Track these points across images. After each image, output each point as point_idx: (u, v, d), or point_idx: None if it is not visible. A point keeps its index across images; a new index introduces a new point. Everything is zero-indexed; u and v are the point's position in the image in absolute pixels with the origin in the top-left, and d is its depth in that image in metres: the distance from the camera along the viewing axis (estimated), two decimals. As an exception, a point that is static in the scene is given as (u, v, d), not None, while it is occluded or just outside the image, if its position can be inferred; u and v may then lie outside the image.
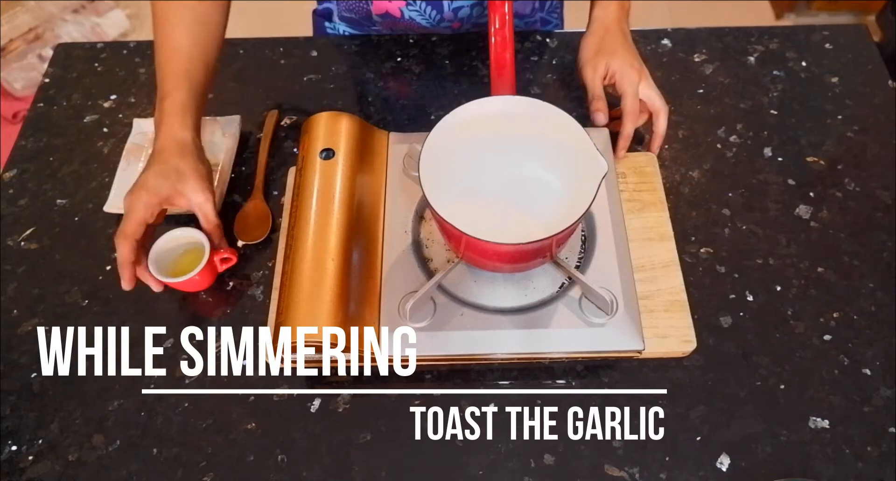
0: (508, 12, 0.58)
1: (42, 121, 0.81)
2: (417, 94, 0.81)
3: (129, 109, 0.81)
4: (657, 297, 0.62)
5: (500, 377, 0.61)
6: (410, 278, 0.60)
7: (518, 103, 0.56)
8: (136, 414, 0.60)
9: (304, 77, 0.83)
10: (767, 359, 0.62)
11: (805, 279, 0.66)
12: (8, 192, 0.75)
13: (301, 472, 0.57)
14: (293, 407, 0.60)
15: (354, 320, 0.56)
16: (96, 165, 0.77)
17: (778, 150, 0.75)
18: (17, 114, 1.81)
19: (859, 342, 0.62)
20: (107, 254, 0.69)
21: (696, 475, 0.56)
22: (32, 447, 0.59)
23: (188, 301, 0.66)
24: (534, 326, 0.58)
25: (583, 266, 0.61)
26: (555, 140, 0.56)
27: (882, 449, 0.57)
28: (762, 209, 0.71)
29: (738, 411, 0.59)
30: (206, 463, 0.58)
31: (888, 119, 0.77)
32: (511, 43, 0.59)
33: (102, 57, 0.87)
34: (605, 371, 0.62)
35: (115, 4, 2.03)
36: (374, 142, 0.68)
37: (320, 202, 0.60)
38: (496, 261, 0.56)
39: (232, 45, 0.86)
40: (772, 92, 0.80)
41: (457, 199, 0.60)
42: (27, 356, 0.63)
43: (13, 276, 0.68)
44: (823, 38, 0.85)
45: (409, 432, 0.58)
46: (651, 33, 0.85)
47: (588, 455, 0.57)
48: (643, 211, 0.68)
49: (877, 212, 0.70)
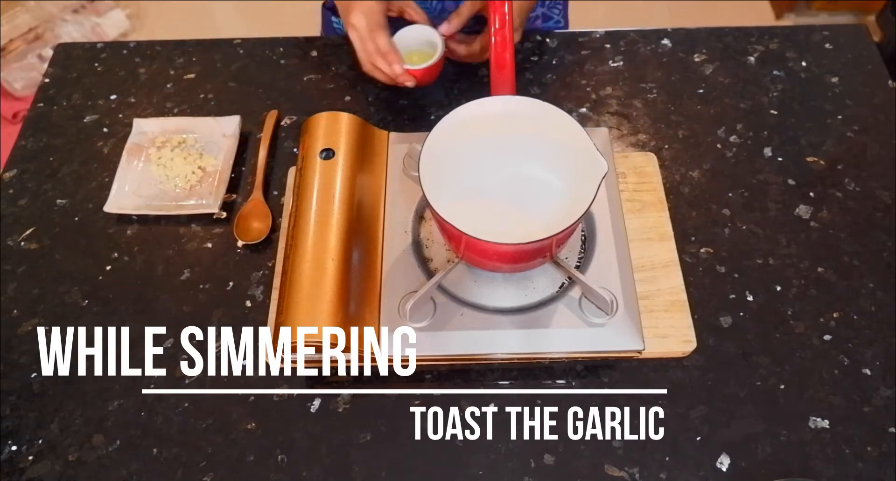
0: (508, 12, 0.58)
1: (42, 122, 0.81)
2: (417, 94, 0.81)
3: (129, 109, 0.81)
4: (657, 297, 0.62)
5: (500, 377, 0.61)
6: (410, 278, 0.60)
7: (518, 103, 0.56)
8: (136, 414, 0.60)
9: (304, 77, 0.83)
10: (767, 359, 0.62)
11: (805, 279, 0.66)
12: (8, 192, 0.75)
13: (301, 472, 0.57)
14: (293, 407, 0.60)
15: (354, 320, 0.56)
16: (96, 165, 0.77)
17: (778, 150, 0.75)
18: (17, 114, 1.81)
19: (859, 342, 0.62)
20: (107, 254, 0.70)
21: (696, 475, 0.56)
22: (32, 447, 0.59)
23: (188, 301, 0.66)
24: (534, 326, 0.58)
25: (583, 266, 0.61)
26: (555, 140, 0.56)
27: (882, 449, 0.57)
28: (762, 209, 0.71)
29: (738, 411, 0.59)
30: (206, 463, 0.58)
31: (888, 119, 0.77)
32: (511, 43, 0.59)
33: (102, 57, 0.87)
34: (605, 371, 0.62)
35: (115, 4, 2.03)
36: (374, 142, 0.68)
37: (320, 202, 0.60)
38: (496, 261, 0.56)
39: (232, 45, 0.86)
40: (772, 92, 0.80)
41: (457, 199, 0.60)
42: (27, 356, 0.63)
43: (13, 276, 0.69)
44: (823, 38, 0.85)
45: (409, 432, 0.58)
46: (651, 33, 0.85)
47: (588, 455, 0.57)
48: (643, 211, 0.68)
49: (877, 212, 0.70)
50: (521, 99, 0.56)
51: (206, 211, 0.71)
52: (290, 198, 0.69)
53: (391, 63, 0.70)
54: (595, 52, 0.84)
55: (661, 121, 0.78)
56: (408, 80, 0.72)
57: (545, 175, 0.60)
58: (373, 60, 0.71)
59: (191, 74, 0.84)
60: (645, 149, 0.74)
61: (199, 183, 0.74)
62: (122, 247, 0.70)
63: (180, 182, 0.74)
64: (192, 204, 0.72)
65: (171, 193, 0.73)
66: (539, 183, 0.60)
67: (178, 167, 0.74)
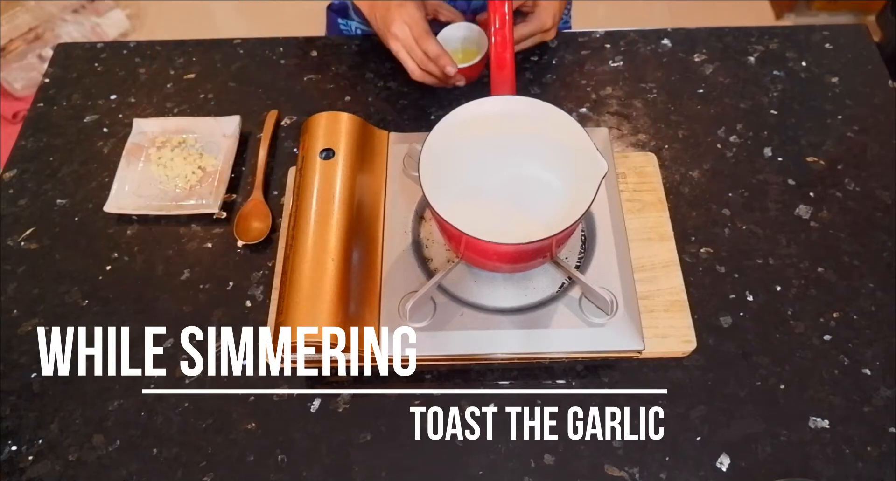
0: (508, 12, 0.58)
1: (42, 122, 0.81)
2: (417, 94, 0.81)
3: (129, 109, 0.81)
4: (657, 297, 0.62)
5: (500, 377, 0.61)
6: (410, 278, 0.60)
7: (518, 103, 0.56)
8: (136, 414, 0.60)
9: (304, 77, 0.83)
10: (767, 359, 0.62)
11: (805, 279, 0.66)
12: (8, 192, 0.75)
13: (301, 472, 0.57)
14: (293, 407, 0.60)
15: (354, 320, 0.56)
16: (96, 165, 0.77)
17: (778, 150, 0.75)
18: (17, 114, 1.81)
19: (859, 342, 0.62)
20: (107, 253, 0.70)
21: (696, 475, 0.56)
22: (32, 447, 0.59)
23: (188, 301, 0.66)
24: (534, 326, 0.58)
25: (583, 266, 0.61)
26: (555, 140, 0.56)
27: (882, 449, 0.57)
28: (762, 209, 0.71)
29: (738, 411, 0.59)
30: (206, 463, 0.58)
31: (888, 119, 0.77)
32: (511, 43, 0.59)
33: (102, 57, 0.87)
34: (605, 371, 0.62)
35: (115, 4, 2.03)
36: (374, 142, 0.68)
37: (320, 202, 0.60)
38: (496, 261, 0.56)
39: (232, 45, 0.86)
40: (772, 92, 0.80)
41: (457, 199, 0.60)
42: (27, 356, 0.63)
43: (13, 276, 0.69)
44: (823, 38, 0.85)
45: (409, 432, 0.58)
46: (651, 33, 0.85)
47: (588, 455, 0.57)
48: (643, 211, 0.68)
49: (877, 212, 0.70)
50: (521, 99, 0.56)
51: (206, 211, 0.71)
52: (290, 198, 0.69)
53: (444, 66, 0.70)
54: (595, 52, 0.84)
55: (661, 121, 0.78)
56: (460, 80, 0.73)
57: (545, 175, 0.60)
58: (426, 67, 0.72)
59: (191, 74, 0.84)
60: (645, 149, 0.74)
61: (199, 183, 0.74)
62: (122, 247, 0.70)
63: (180, 182, 0.74)
64: (192, 204, 0.72)
65: (171, 193, 0.73)
66: (539, 183, 0.60)
67: (179, 167, 0.74)
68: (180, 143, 0.76)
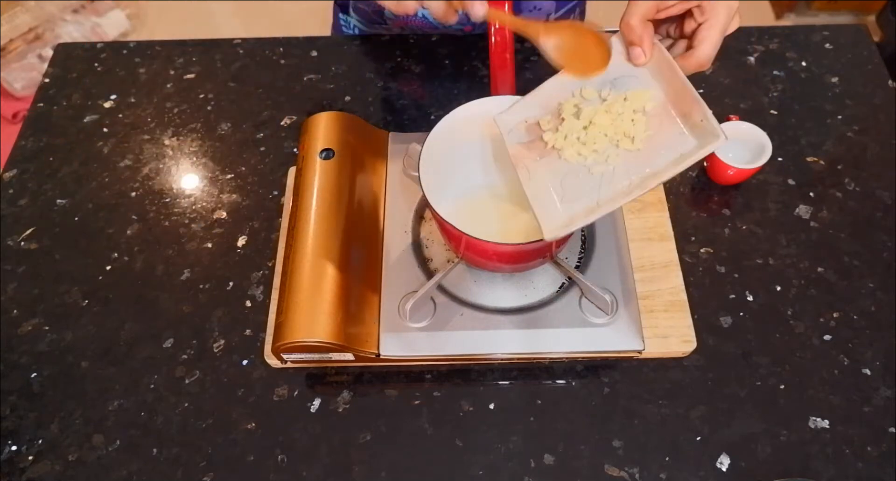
0: (508, 12, 0.58)
1: (42, 121, 0.81)
2: (417, 94, 0.80)
3: (129, 109, 0.81)
4: (657, 297, 0.62)
5: (500, 377, 0.61)
6: (410, 278, 0.60)
7: (518, 103, 0.56)
8: (136, 414, 0.60)
9: (304, 77, 0.83)
10: (767, 359, 0.62)
11: (805, 279, 0.66)
12: (8, 192, 0.75)
13: (301, 472, 0.57)
14: (293, 407, 0.60)
15: (354, 320, 0.56)
16: (96, 165, 0.77)
17: (778, 150, 0.75)
18: (17, 114, 1.81)
19: (859, 342, 0.62)
20: (107, 253, 0.70)
21: (696, 475, 0.56)
22: (32, 447, 0.59)
23: (188, 301, 0.66)
24: (534, 326, 0.58)
25: (583, 266, 0.61)
26: (555, 140, 0.56)
27: (882, 449, 0.57)
28: (762, 209, 0.71)
29: (738, 411, 0.59)
30: (206, 463, 0.58)
31: (888, 119, 0.77)
32: (511, 43, 0.59)
33: (102, 57, 0.87)
34: (605, 371, 0.62)
35: (115, 4, 2.03)
36: (374, 142, 0.68)
37: (320, 202, 0.60)
38: (496, 261, 0.56)
39: (232, 45, 0.86)
40: (772, 92, 0.80)
41: (457, 199, 0.60)
42: (27, 356, 0.63)
43: (13, 276, 0.68)
44: (823, 38, 0.85)
45: (409, 432, 0.58)
46: (651, 33, 0.85)
47: (588, 455, 0.57)
48: (643, 211, 0.68)
49: (877, 212, 0.70)
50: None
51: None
52: (290, 198, 0.69)
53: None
54: (595, 52, 0.84)
55: (661, 122, 0.77)
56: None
57: (545, 175, 0.60)
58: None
59: (191, 74, 0.84)
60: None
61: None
62: (122, 247, 0.70)
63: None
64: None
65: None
66: (539, 183, 0.60)
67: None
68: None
